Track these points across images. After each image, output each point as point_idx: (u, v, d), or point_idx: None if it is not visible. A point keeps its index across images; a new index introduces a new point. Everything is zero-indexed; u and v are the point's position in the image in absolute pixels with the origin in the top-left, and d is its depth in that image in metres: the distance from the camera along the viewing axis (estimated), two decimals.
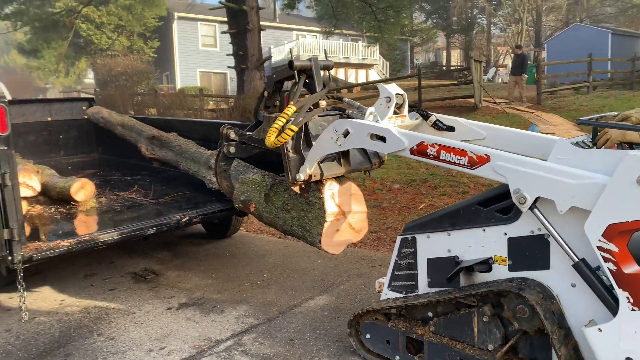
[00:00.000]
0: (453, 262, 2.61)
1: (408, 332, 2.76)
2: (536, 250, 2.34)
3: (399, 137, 2.61)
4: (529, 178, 2.22)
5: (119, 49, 28.54)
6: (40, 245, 3.20)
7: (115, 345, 3.32)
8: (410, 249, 2.80)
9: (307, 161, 3.02)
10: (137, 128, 5.55)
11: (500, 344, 2.43)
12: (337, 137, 2.84)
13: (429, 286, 2.75)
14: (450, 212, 2.65)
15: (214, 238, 5.66)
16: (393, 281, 2.91)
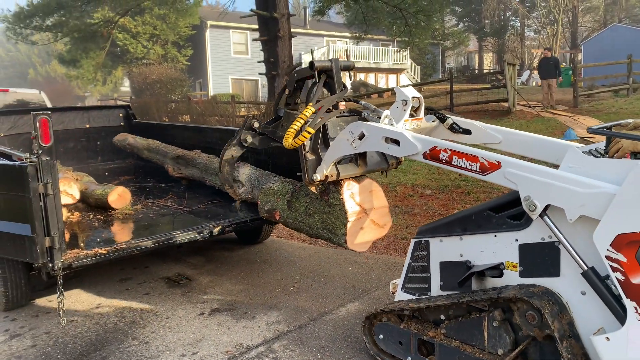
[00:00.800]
0: (465, 267, 2.65)
1: (420, 334, 2.81)
2: (547, 257, 2.36)
3: (412, 142, 2.66)
4: (539, 186, 2.24)
5: (154, 57, 29.23)
6: (79, 252, 3.30)
7: (149, 350, 3.39)
8: (424, 252, 2.85)
9: (323, 162, 3.06)
10: (162, 150, 5.71)
11: (509, 348, 2.45)
12: (352, 139, 2.89)
13: (441, 289, 2.79)
14: (463, 217, 2.69)
15: (246, 244, 5.72)
16: (407, 283, 2.97)
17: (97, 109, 7.63)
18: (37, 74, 44.95)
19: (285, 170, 4.47)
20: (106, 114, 7.36)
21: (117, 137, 6.71)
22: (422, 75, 37.28)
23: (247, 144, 3.62)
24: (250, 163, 4.38)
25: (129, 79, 31.64)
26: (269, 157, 4.74)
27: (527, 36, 44.56)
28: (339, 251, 5.48)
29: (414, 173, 8.73)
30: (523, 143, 2.93)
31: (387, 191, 7.72)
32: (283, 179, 3.82)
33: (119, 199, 4.33)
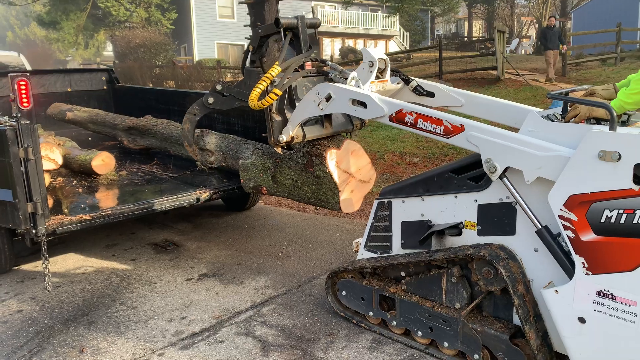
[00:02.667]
0: (426, 226, 2.77)
1: (381, 290, 2.94)
2: (504, 217, 2.48)
3: (378, 104, 2.69)
4: (499, 149, 2.34)
5: (137, 20, 28.40)
6: (63, 218, 3.24)
7: (137, 314, 3.38)
8: (386, 212, 2.94)
9: (289, 123, 3.04)
10: (109, 122, 5.41)
11: (466, 302, 2.61)
12: (319, 100, 2.88)
13: (402, 247, 2.91)
14: (425, 179, 2.79)
15: (233, 211, 5.69)
16: (369, 242, 3.06)
17: (79, 72, 7.42)
18: (16, 36, 43.49)
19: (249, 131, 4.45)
20: (88, 77, 7.17)
21: (50, 108, 6.25)
22: (411, 42, 36.86)
23: (209, 104, 3.52)
24: (217, 128, 4.33)
25: (111, 42, 30.80)
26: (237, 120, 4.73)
27: (517, 3, 44.07)
28: (327, 217, 5.48)
29: (402, 141, 8.71)
30: (484, 106, 3.03)
31: (375, 159, 7.70)
32: (256, 147, 3.77)
33: (103, 165, 4.25)
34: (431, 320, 2.73)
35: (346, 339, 3.01)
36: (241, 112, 4.84)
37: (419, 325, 2.79)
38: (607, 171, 2.04)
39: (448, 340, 2.67)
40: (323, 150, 3.09)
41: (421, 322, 2.77)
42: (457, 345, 2.64)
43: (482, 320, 2.58)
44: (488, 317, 2.60)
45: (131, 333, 3.15)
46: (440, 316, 2.68)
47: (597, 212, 2.08)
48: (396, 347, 2.89)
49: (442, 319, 2.68)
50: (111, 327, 3.24)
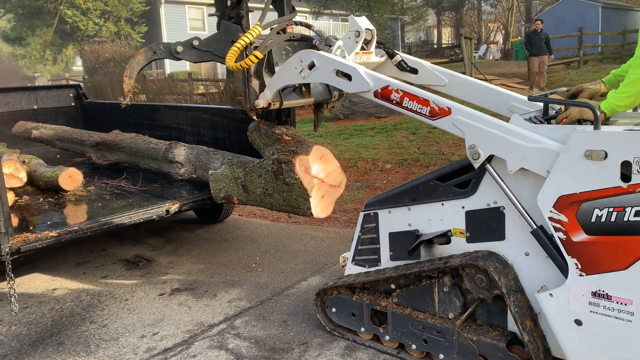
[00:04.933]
0: (413, 236, 2.70)
1: (372, 304, 2.85)
2: (492, 222, 2.44)
3: (364, 78, 2.59)
4: (485, 135, 2.30)
5: (107, 35, 28.08)
6: (28, 236, 3.17)
7: (108, 332, 3.32)
8: (373, 224, 2.87)
9: (267, 88, 2.92)
10: (76, 138, 5.30)
11: (460, 312, 2.56)
12: (302, 67, 2.76)
13: (391, 259, 2.84)
14: (410, 188, 2.73)
15: (206, 223, 5.65)
16: (357, 256, 2.98)
17: (45, 89, 7.28)
18: None
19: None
20: (55, 94, 7.04)
21: (15, 127, 6.08)
22: None
23: (178, 54, 3.28)
24: (187, 140, 4.32)
25: (81, 57, 30.36)
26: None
27: (484, 10, 45.09)
28: (300, 227, 5.49)
29: (374, 148, 8.79)
30: (467, 88, 2.96)
31: (348, 167, 7.75)
32: (225, 157, 3.76)
33: (70, 181, 4.18)
34: (425, 332, 2.66)
35: (319, 347, 3.01)
36: (212, 124, 4.84)
37: (412, 338, 2.72)
38: (594, 170, 2.02)
39: (444, 352, 2.60)
40: (292, 157, 3.10)
41: (415, 334, 2.70)
42: (453, 356, 2.58)
43: (477, 329, 2.53)
44: (482, 325, 2.55)
45: (102, 352, 3.09)
46: (434, 327, 2.61)
47: (587, 211, 2.05)
48: (369, 353, 2.90)
49: (436, 330, 2.61)
50: (81, 346, 3.17)
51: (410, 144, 8.83)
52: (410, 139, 9.23)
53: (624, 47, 20.18)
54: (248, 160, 3.58)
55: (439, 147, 8.31)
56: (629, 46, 20.65)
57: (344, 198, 6.45)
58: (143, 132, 5.05)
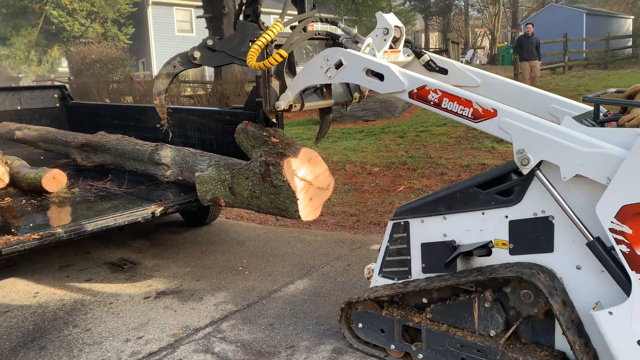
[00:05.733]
0: (450, 247, 2.51)
1: (404, 320, 2.65)
2: (539, 233, 2.26)
3: (398, 77, 2.41)
4: (536, 139, 2.11)
5: (93, 36, 27.84)
6: (9, 238, 3.10)
7: (91, 336, 3.27)
8: (403, 233, 2.68)
9: (289, 89, 2.77)
10: (60, 139, 5.22)
11: (502, 329, 2.37)
12: (327, 67, 2.59)
13: (423, 272, 2.64)
14: (447, 196, 2.53)
15: (193, 226, 5.60)
16: (384, 267, 2.78)
17: (30, 90, 7.17)
18: None
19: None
20: (39, 94, 6.94)
21: None
22: None
23: (195, 60, 3.19)
24: (174, 142, 4.29)
25: (66, 59, 30.04)
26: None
27: (470, 15, 45.50)
28: (288, 230, 5.46)
29: (362, 151, 8.80)
30: (502, 89, 2.74)
31: (336, 170, 7.75)
32: (212, 159, 3.73)
33: (54, 182, 4.11)
34: (464, 351, 2.46)
35: (306, 350, 2.99)
36: (199, 126, 4.80)
37: (449, 357, 2.52)
38: None
39: None
40: (280, 159, 3.08)
41: (452, 353, 2.51)
42: None
43: (522, 348, 2.34)
44: (528, 344, 2.37)
45: (84, 356, 3.04)
46: (475, 346, 2.42)
47: None
48: (356, 357, 2.88)
49: (476, 349, 2.42)
50: (63, 351, 3.11)
51: (398, 147, 8.85)
52: (398, 142, 9.26)
53: (607, 53, 20.49)
54: (235, 162, 3.55)
55: (427, 151, 8.34)
56: (613, 52, 21.00)
57: (332, 201, 6.44)
58: (129, 133, 4.99)
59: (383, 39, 2.68)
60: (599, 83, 13.77)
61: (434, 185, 6.83)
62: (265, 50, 2.71)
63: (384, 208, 6.08)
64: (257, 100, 3.08)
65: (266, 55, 2.73)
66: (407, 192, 6.68)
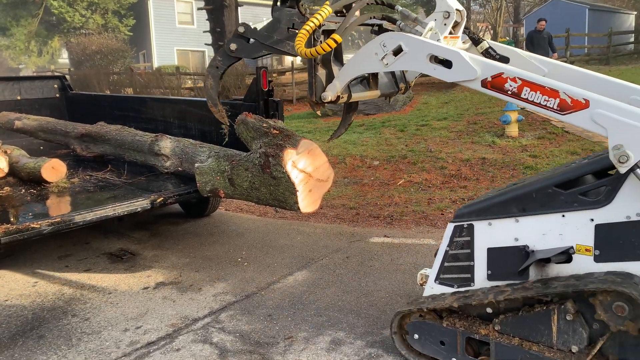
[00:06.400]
0: (523, 253, 2.30)
1: (468, 331, 2.43)
2: (633, 238, 2.04)
3: (470, 64, 2.20)
4: (637, 134, 1.90)
5: (93, 27, 27.75)
6: (8, 227, 3.09)
7: (90, 326, 3.27)
8: (466, 237, 2.46)
9: (337, 79, 2.59)
10: (60, 130, 5.21)
11: (586, 344, 2.14)
12: (384, 53, 2.39)
13: (488, 279, 2.41)
14: (520, 196, 2.31)
15: (192, 217, 5.61)
16: (442, 273, 2.55)
17: (29, 80, 7.14)
18: None
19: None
20: (39, 85, 6.92)
21: None
22: None
23: (233, 52, 3.02)
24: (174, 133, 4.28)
25: (67, 50, 29.96)
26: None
27: (472, 10, 45.31)
28: (287, 222, 5.47)
29: (362, 145, 8.79)
30: (573, 78, 2.46)
31: (336, 163, 7.74)
32: (212, 150, 3.72)
33: (53, 172, 4.10)
34: None
35: (305, 341, 2.99)
36: (199, 117, 4.78)
37: None
38: None
39: None
40: (280, 151, 3.07)
41: None
42: None
43: None
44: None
45: (83, 345, 3.04)
46: None
47: None
48: (354, 348, 2.89)
49: None
50: (62, 340, 3.12)
51: (398, 141, 8.84)
52: (398, 136, 9.24)
53: (610, 48, 20.40)
54: (235, 153, 3.54)
55: (427, 145, 8.33)
56: (615, 48, 20.91)
57: (331, 194, 6.44)
58: (129, 124, 4.97)
59: (443, 23, 2.46)
60: None
61: (433, 179, 6.83)
62: (312, 36, 2.51)
63: (383, 201, 6.08)
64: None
65: (313, 42, 2.53)
66: (406, 186, 6.68)
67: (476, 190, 6.24)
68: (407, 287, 3.68)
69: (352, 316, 3.27)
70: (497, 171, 6.90)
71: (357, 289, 3.67)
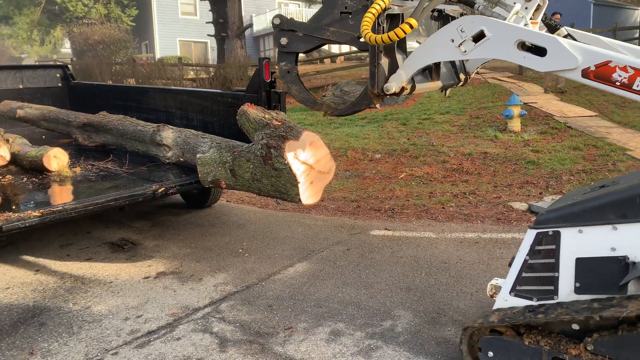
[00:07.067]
0: (622, 265, 2.07)
1: (555, 351, 2.15)
2: None
3: (569, 51, 1.96)
4: None
5: (96, 17, 27.65)
6: (10, 215, 3.10)
7: (91, 314, 3.29)
8: (550, 245, 2.22)
9: (403, 68, 2.39)
10: (62, 119, 5.22)
11: None
12: (462, 40, 2.18)
13: (576, 292, 2.18)
14: (619, 200, 2.06)
15: (194, 208, 5.61)
16: (519, 285, 2.32)
17: (32, 69, 7.15)
18: None
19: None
20: (42, 74, 6.92)
21: (0, 105, 6.00)
22: None
23: (284, 48, 2.80)
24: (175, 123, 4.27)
25: (69, 39, 29.88)
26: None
27: None
28: (288, 214, 5.47)
29: (364, 138, 8.77)
30: None
31: (338, 156, 7.74)
32: (213, 141, 3.72)
33: (55, 161, 4.10)
34: None
35: (304, 332, 3.00)
36: (201, 108, 4.78)
37: None
38: None
39: None
40: (281, 142, 3.07)
41: None
42: None
43: None
44: None
45: (84, 333, 3.06)
46: None
47: None
48: (353, 339, 2.90)
49: None
50: (63, 327, 3.13)
51: (400, 134, 8.83)
52: (401, 129, 9.23)
53: None
54: (237, 144, 3.54)
55: (429, 138, 8.32)
56: None
57: (332, 186, 6.44)
58: (131, 114, 4.98)
59: (524, 6, 2.26)
60: None
61: (435, 172, 6.82)
62: (377, 21, 2.30)
63: (384, 194, 6.08)
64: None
65: (377, 26, 2.31)
66: (408, 179, 6.68)
67: (477, 185, 6.23)
68: (407, 279, 3.69)
69: (352, 308, 3.28)
70: (499, 166, 6.89)
71: (357, 281, 3.68)
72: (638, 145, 7.27)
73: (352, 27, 2.54)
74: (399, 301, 3.36)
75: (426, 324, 3.06)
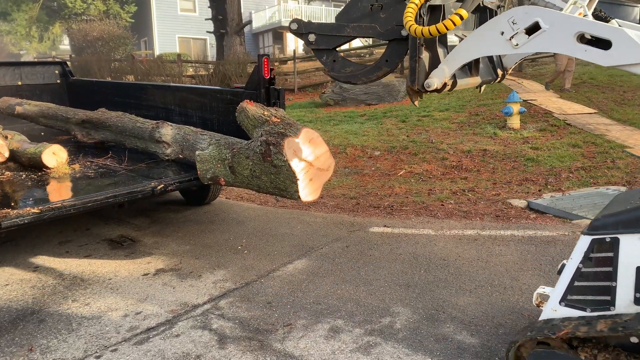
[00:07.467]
0: None
1: None
2: None
3: (639, 44, 1.82)
4: None
5: (95, 13, 27.57)
6: (9, 212, 3.10)
7: (90, 311, 3.29)
8: (607, 253, 2.07)
9: (446, 63, 2.30)
10: (61, 115, 5.21)
11: None
12: (513, 32, 2.06)
13: (636, 303, 2.04)
14: None
15: (193, 205, 5.61)
16: (571, 294, 2.17)
17: (30, 65, 7.13)
18: None
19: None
20: (40, 70, 6.91)
21: None
22: (374, 40, 37.10)
23: (314, 46, 2.73)
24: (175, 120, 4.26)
25: (68, 36, 29.80)
26: None
27: None
28: (287, 211, 5.47)
29: (363, 135, 8.77)
30: None
31: (337, 153, 7.73)
32: (212, 138, 3.71)
33: (54, 158, 4.10)
34: None
35: (304, 328, 3.01)
36: (200, 104, 4.77)
37: None
38: None
39: None
40: (280, 139, 3.07)
41: None
42: None
43: None
44: None
45: (83, 330, 3.06)
46: None
47: None
48: (352, 336, 2.91)
49: None
50: (62, 324, 3.13)
51: (399, 131, 8.82)
52: (400, 126, 9.22)
53: None
54: (236, 141, 3.54)
55: (428, 136, 8.31)
56: None
57: (332, 184, 6.45)
58: (130, 111, 4.97)
59: None
60: (604, 72, 13.65)
61: (434, 170, 6.82)
62: (419, 12, 2.20)
63: (383, 192, 6.08)
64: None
65: (418, 18, 2.21)
66: (407, 176, 6.68)
67: (476, 182, 6.24)
68: (406, 276, 3.69)
69: (351, 304, 3.29)
70: (498, 163, 6.89)
71: (356, 278, 3.69)
72: (637, 142, 7.27)
73: (384, 21, 2.43)
74: (397, 298, 3.36)
75: (425, 320, 3.07)
